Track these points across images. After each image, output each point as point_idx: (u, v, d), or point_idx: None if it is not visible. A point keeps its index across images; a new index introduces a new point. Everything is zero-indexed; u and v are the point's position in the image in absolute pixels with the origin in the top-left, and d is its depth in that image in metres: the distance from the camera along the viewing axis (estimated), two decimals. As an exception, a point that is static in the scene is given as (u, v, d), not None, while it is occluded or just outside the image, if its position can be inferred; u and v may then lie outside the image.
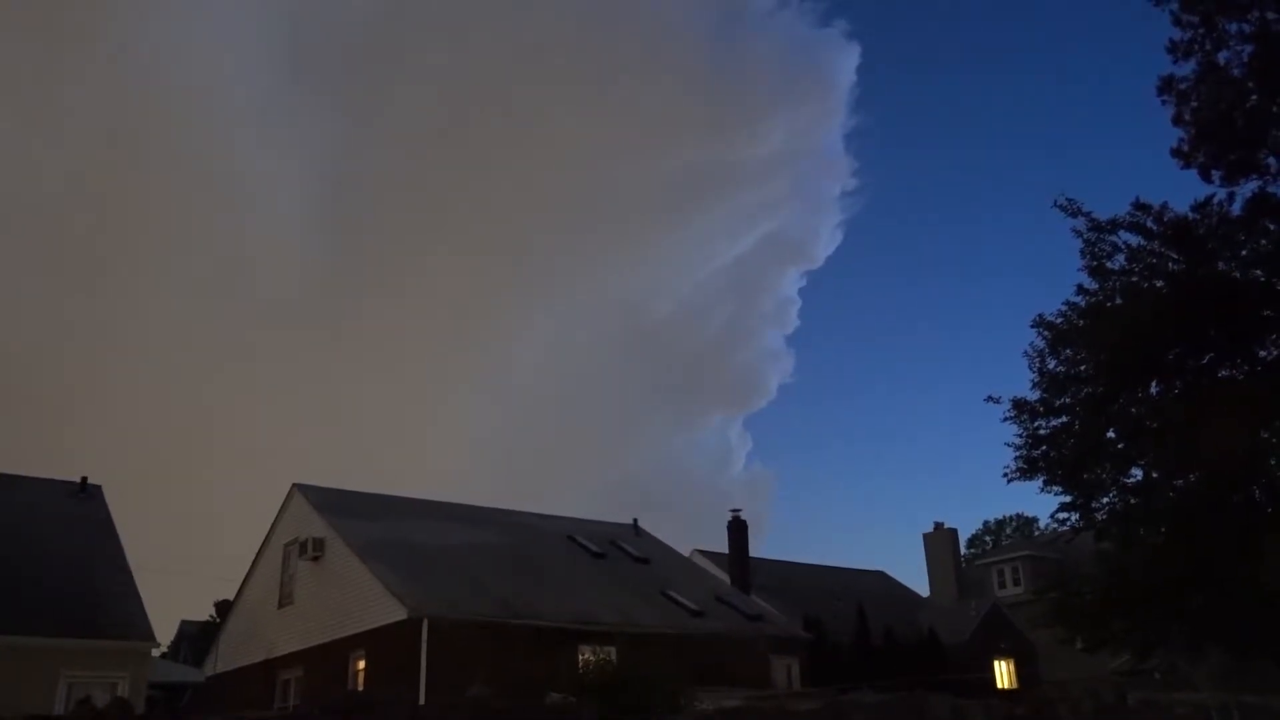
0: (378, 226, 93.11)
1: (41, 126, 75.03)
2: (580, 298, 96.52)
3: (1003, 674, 35.93)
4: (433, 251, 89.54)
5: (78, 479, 26.15)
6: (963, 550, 52.16)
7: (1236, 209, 15.83)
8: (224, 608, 36.25)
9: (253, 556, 29.67)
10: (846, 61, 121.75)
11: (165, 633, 42.43)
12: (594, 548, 30.59)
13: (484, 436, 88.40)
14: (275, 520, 28.85)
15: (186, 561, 69.55)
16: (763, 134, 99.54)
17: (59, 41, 74.45)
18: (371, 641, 22.78)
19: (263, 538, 29.29)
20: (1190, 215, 15.95)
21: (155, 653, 22.82)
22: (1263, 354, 16.62)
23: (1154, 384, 17.31)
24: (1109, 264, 16.60)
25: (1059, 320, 17.45)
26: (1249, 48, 15.05)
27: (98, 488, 26.16)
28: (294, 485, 28.32)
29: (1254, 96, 15.29)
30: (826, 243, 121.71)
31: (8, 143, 71.81)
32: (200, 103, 79.40)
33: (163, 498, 70.23)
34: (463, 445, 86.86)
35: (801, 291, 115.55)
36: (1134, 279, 16.58)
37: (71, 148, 76.75)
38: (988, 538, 68.60)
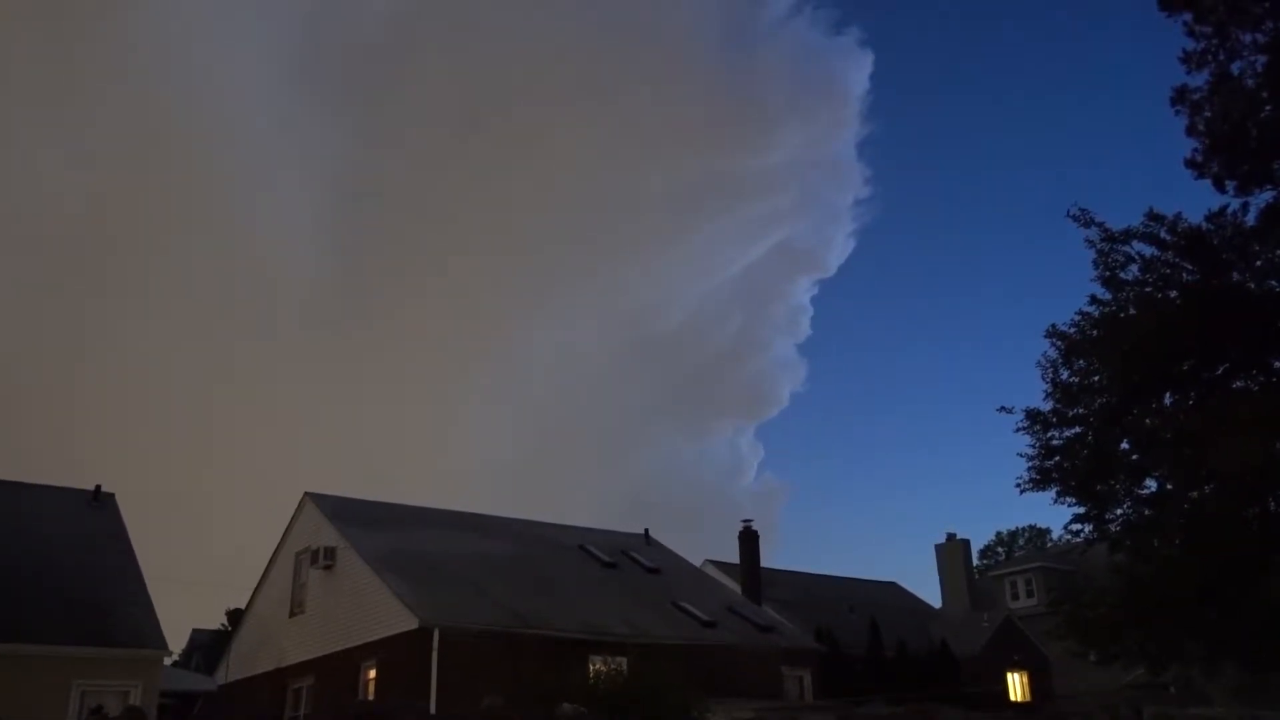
0: (385, 234, 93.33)
1: (51, 135, 75.44)
2: (590, 307, 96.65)
3: (1016, 687, 35.72)
4: (441, 260, 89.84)
5: (90, 488, 26.27)
6: (975, 561, 51.91)
7: (1251, 219, 15.78)
8: (235, 616, 36.34)
9: (264, 565, 29.76)
10: (859, 70, 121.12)
11: (177, 641, 42.40)
12: (605, 557, 30.57)
13: (493, 445, 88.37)
14: (287, 529, 28.93)
15: (198, 570, 69.70)
16: (774, 142, 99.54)
17: (67, 47, 74.98)
18: (382, 651, 22.79)
19: (274, 547, 29.37)
20: (1204, 226, 15.90)
21: (167, 661, 22.92)
22: (1278, 365, 16.54)
23: (1168, 395, 17.23)
24: (1122, 274, 16.54)
25: (1072, 330, 17.38)
26: (1263, 58, 15.01)
27: (110, 496, 26.27)
28: (306, 494, 28.40)
29: (1268, 107, 15.25)
30: (839, 251, 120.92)
31: (18, 152, 72.35)
32: (208, 109, 79.80)
33: (174, 506, 70.41)
34: (471, 454, 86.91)
35: (814, 300, 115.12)
36: (1148, 289, 16.53)
37: (80, 156, 77.15)
38: (1000, 549, 68.34)
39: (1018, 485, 18.06)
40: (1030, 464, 17.85)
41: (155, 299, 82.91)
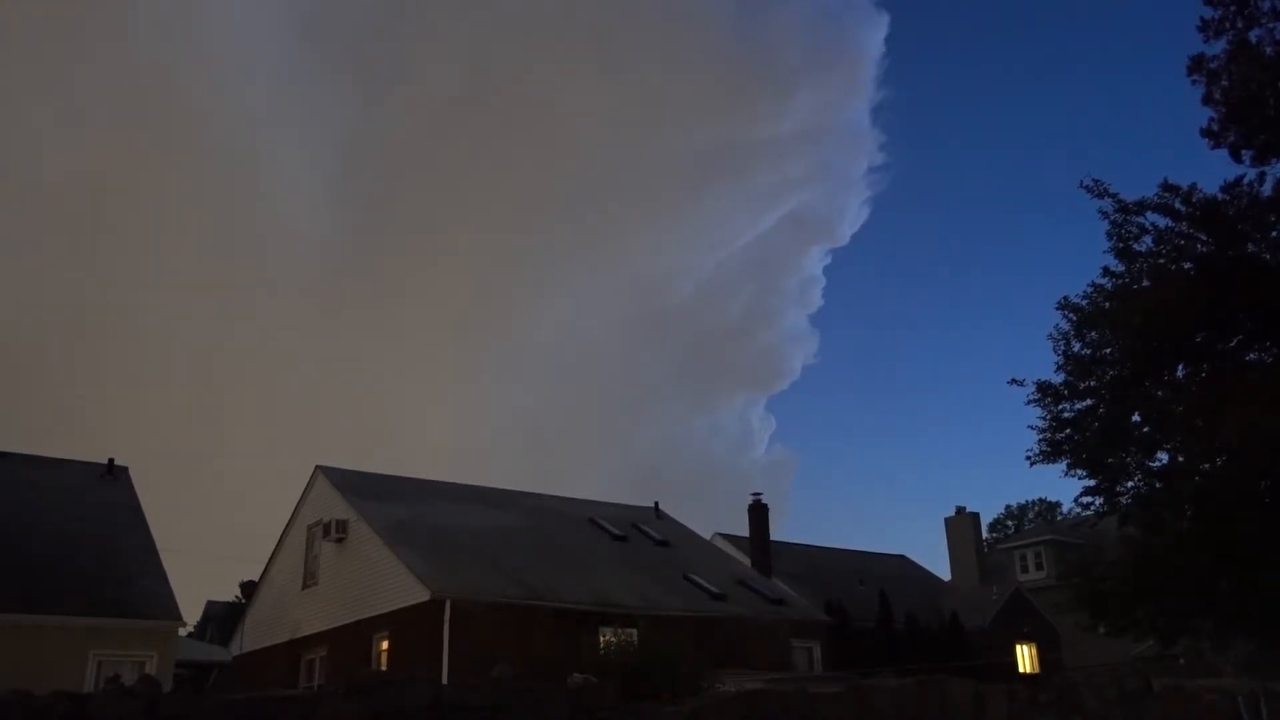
0: (395, 204, 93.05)
1: (50, 103, 75.03)
2: (600, 277, 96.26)
3: (1025, 659, 35.86)
4: (448, 231, 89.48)
5: (104, 461, 26.44)
6: (985, 535, 51.98)
7: (1267, 190, 15.65)
8: (249, 588, 36.67)
9: (277, 538, 29.97)
10: (874, 33, 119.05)
11: (192, 613, 42.75)
12: (615, 530, 30.68)
13: (503, 418, 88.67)
14: (299, 502, 29.10)
15: (213, 542, 70.28)
16: (787, 108, 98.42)
17: (68, 17, 74.60)
18: (395, 622, 22.97)
19: (287, 519, 29.57)
20: (1220, 196, 15.77)
21: (182, 632, 23.12)
22: (1293, 337, 16.43)
23: (1180, 367, 17.17)
24: (1136, 246, 16.46)
25: (1085, 303, 17.31)
26: (1282, 25, 14.81)
27: (124, 469, 26.44)
28: (317, 467, 28.54)
29: (1287, 75, 15.06)
30: (852, 220, 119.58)
31: (17, 122, 72.16)
32: (214, 78, 79.53)
33: (187, 479, 70.98)
34: (482, 426, 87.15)
35: (826, 270, 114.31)
36: (1161, 261, 16.43)
37: (81, 124, 77.01)
38: (1010, 522, 68.39)
39: (1028, 458, 18.09)
40: (1041, 436, 17.85)
41: (164, 272, 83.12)
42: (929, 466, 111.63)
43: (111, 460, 26.47)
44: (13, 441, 25.66)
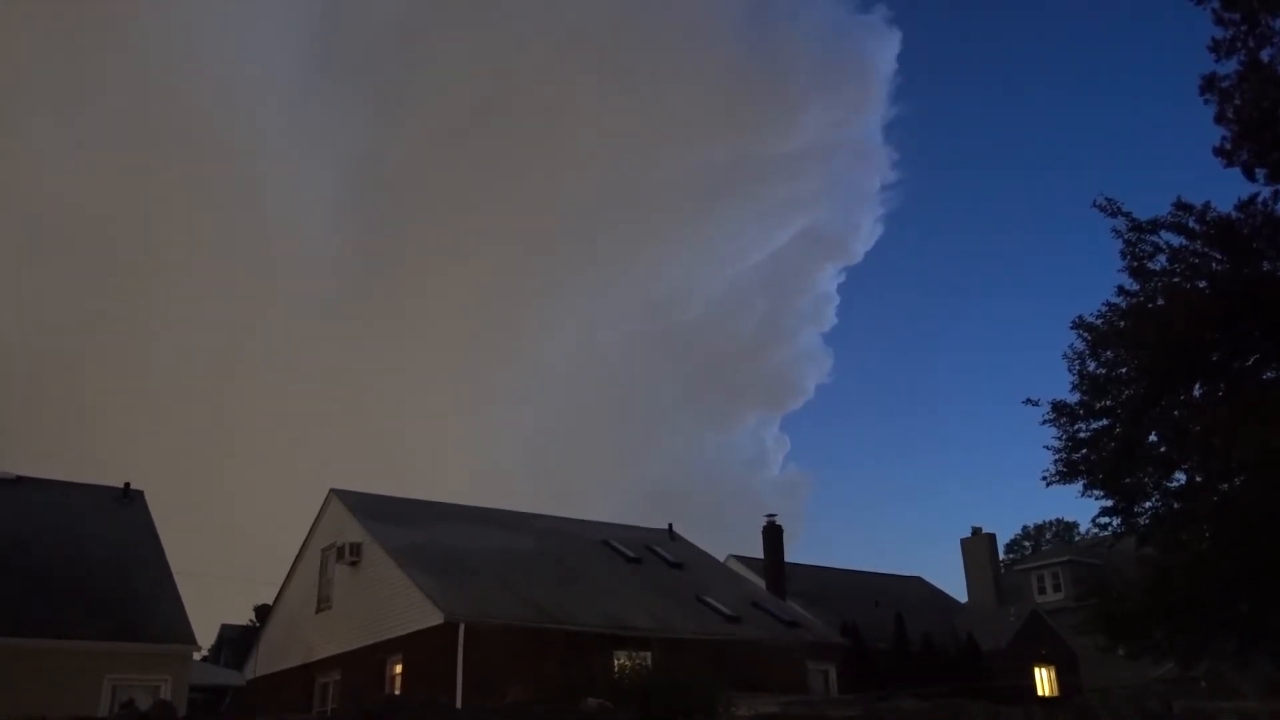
0: (405, 225, 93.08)
1: (64, 127, 75.61)
2: (611, 296, 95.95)
3: (1043, 681, 35.48)
4: (460, 250, 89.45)
5: (120, 485, 26.56)
6: (1001, 556, 51.59)
7: (1281, 208, 15.59)
8: (263, 612, 36.69)
9: (291, 561, 30.01)
10: (887, 49, 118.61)
11: (206, 636, 42.98)
12: (629, 553, 30.62)
13: (514, 439, 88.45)
14: (313, 525, 29.16)
15: (227, 566, 70.35)
16: (799, 125, 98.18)
17: (78, 39, 75.23)
18: (408, 646, 22.93)
19: (301, 543, 29.61)
20: (1234, 214, 15.73)
21: (196, 656, 23.14)
22: (1309, 355, 16.33)
23: (1197, 386, 17.06)
24: (1150, 265, 16.41)
25: (1099, 322, 17.25)
26: (1293, 44, 14.82)
27: (140, 493, 26.56)
28: (331, 490, 28.61)
29: (1299, 93, 15.05)
30: (866, 238, 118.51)
31: (37, 143, 72.71)
32: (226, 100, 79.87)
33: (202, 502, 71.08)
34: (493, 447, 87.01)
35: (840, 288, 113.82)
36: (1176, 280, 16.37)
37: (100, 148, 77.51)
38: (1027, 543, 67.87)
39: (1044, 478, 17.96)
40: (1057, 456, 17.73)
41: (179, 295, 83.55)
42: (944, 487, 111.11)
43: (127, 484, 26.62)
44: (29, 465, 25.88)
